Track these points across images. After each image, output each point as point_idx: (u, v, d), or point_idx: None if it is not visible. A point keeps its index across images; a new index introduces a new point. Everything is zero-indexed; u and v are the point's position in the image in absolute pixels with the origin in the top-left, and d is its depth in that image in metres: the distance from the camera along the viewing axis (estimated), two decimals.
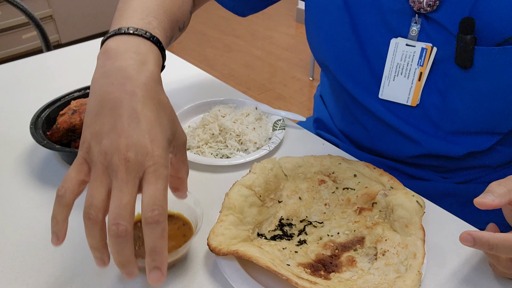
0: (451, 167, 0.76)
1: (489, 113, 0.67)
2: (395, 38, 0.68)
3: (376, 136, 0.78)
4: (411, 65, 0.68)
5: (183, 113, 0.85)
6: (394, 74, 0.70)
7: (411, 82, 0.69)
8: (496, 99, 0.65)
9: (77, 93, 0.84)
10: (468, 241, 0.47)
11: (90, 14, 3.14)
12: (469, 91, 0.65)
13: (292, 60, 3.14)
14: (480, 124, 0.69)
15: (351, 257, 0.54)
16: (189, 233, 0.57)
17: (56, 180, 0.72)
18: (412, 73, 0.68)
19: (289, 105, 2.62)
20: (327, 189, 0.64)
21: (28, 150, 0.79)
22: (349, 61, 0.73)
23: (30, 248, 0.59)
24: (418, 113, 0.71)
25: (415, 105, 0.70)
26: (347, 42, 0.72)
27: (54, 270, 0.56)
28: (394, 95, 0.71)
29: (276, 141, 0.77)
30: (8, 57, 2.86)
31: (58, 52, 1.17)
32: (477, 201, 0.49)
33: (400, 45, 0.68)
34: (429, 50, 0.66)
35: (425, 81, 0.68)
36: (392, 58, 0.69)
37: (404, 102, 0.71)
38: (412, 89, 0.69)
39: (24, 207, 0.66)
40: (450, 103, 0.68)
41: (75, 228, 0.62)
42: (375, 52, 0.71)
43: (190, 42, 3.44)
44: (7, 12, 2.73)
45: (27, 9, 1.33)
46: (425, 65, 0.67)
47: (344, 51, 0.73)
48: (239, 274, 0.52)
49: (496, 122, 0.69)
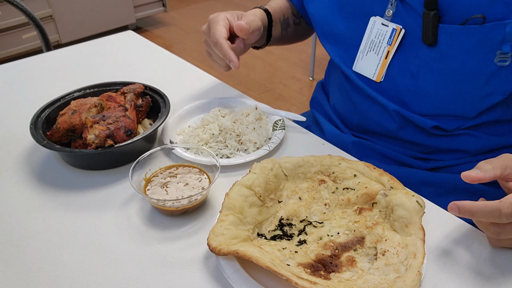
0: (428, 146, 0.78)
1: (456, 96, 0.70)
2: (374, 17, 0.75)
3: (362, 111, 0.82)
4: (382, 43, 0.75)
5: (183, 113, 0.85)
6: (368, 50, 0.77)
7: (379, 59, 0.76)
8: (462, 81, 0.69)
9: (77, 93, 0.84)
10: (454, 210, 0.52)
11: (90, 14, 3.14)
12: (437, 71, 0.70)
13: (292, 60, 3.14)
14: (448, 107, 0.72)
15: (351, 257, 0.54)
16: (206, 184, 0.65)
17: (56, 180, 0.72)
18: (382, 50, 0.75)
19: (289, 105, 2.62)
20: (327, 189, 0.64)
21: (28, 150, 0.79)
22: (336, 36, 0.82)
23: (30, 248, 0.59)
24: (383, 89, 0.77)
25: (379, 81, 0.77)
26: (335, 18, 0.81)
27: (54, 270, 0.56)
28: (364, 69, 0.79)
29: (276, 141, 0.77)
30: (8, 57, 2.86)
31: (58, 52, 1.17)
32: (464, 174, 0.54)
33: (376, 24, 0.75)
34: (398, 31, 0.72)
35: (391, 59, 0.75)
36: (369, 35, 0.77)
37: (370, 76, 0.78)
38: (379, 66, 0.76)
39: (24, 207, 0.66)
40: (421, 85, 0.72)
41: (76, 229, 0.62)
42: (356, 27, 0.78)
43: (190, 42, 3.44)
44: (7, 12, 2.73)
45: (27, 9, 1.33)
46: (393, 44, 0.74)
47: (332, 26, 0.82)
48: (239, 274, 0.52)
49: (463, 106, 0.72)
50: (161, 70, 1.06)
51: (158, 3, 3.51)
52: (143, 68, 1.07)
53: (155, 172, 0.68)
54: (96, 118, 0.71)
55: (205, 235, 0.55)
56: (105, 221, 0.63)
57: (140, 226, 0.62)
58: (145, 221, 0.63)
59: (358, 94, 0.81)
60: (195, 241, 0.60)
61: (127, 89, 0.81)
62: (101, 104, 0.75)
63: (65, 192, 0.69)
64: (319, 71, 2.97)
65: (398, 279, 0.49)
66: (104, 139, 0.69)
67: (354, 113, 0.84)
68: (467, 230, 0.61)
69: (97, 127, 0.70)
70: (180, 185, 0.65)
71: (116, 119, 0.72)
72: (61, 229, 0.62)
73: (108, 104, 0.77)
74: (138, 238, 0.60)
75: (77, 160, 0.73)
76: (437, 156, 0.79)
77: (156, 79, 1.00)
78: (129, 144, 0.70)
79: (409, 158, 0.80)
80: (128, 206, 0.66)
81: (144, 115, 0.82)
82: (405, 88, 0.74)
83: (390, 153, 0.81)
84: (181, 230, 0.62)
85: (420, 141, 0.78)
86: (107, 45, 1.19)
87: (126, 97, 0.79)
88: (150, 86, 0.84)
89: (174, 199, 0.62)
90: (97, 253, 0.58)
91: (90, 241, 0.60)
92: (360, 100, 0.81)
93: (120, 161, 0.74)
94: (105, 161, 0.73)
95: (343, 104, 0.87)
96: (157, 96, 0.83)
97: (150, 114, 0.84)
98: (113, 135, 0.70)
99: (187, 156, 0.71)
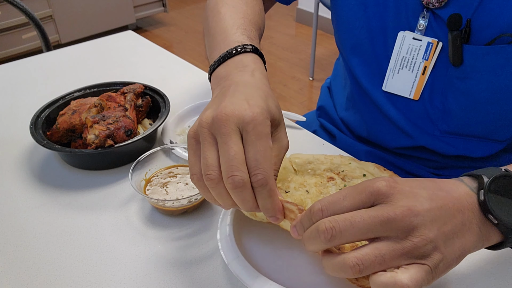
0: (444, 164, 0.76)
1: (483, 117, 0.67)
2: (402, 31, 0.69)
3: (372, 126, 0.79)
4: (416, 58, 0.69)
5: (183, 113, 0.85)
6: (399, 67, 0.71)
7: (415, 75, 0.70)
8: (490, 103, 0.65)
9: (77, 93, 0.84)
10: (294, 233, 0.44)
11: (90, 14, 3.14)
12: (463, 91, 0.66)
13: (292, 60, 3.14)
14: (475, 128, 0.69)
15: (355, 245, 0.54)
16: None
17: (56, 180, 0.72)
18: (417, 66, 0.69)
19: (289, 105, 2.62)
20: (335, 186, 0.64)
21: (28, 150, 0.79)
22: (362, 51, 0.75)
23: (30, 248, 0.59)
24: (418, 108, 0.72)
25: (417, 98, 0.71)
26: (360, 31, 0.73)
27: (54, 270, 0.56)
28: (397, 88, 0.72)
29: None
30: (8, 57, 2.85)
31: (58, 52, 1.17)
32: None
33: (407, 39, 0.69)
34: (435, 44, 0.67)
35: (428, 76, 0.69)
36: (398, 51, 0.70)
37: (406, 95, 0.72)
38: (415, 83, 0.70)
39: (24, 207, 0.66)
40: (448, 103, 0.69)
41: (75, 228, 0.62)
42: (383, 44, 0.72)
43: (190, 42, 3.44)
44: (7, 12, 2.73)
45: (27, 9, 1.33)
46: (430, 59, 0.68)
47: (357, 40, 0.74)
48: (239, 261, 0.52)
49: (491, 128, 0.68)
50: (161, 70, 1.06)
51: (158, 3, 3.51)
52: (143, 68, 1.07)
53: (155, 172, 0.68)
54: (96, 118, 0.71)
55: (205, 235, 0.55)
56: (105, 221, 0.63)
57: (140, 226, 0.62)
58: (145, 221, 0.63)
59: (374, 112, 0.77)
60: (195, 241, 0.60)
61: (127, 89, 0.81)
62: (101, 104, 0.75)
63: (65, 192, 0.69)
64: (319, 71, 2.97)
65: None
66: (104, 139, 0.69)
67: (363, 127, 0.82)
68: None
69: (97, 127, 0.70)
70: (180, 185, 0.65)
71: (116, 119, 0.72)
72: (61, 229, 0.62)
73: (108, 104, 0.77)
74: (138, 238, 0.60)
75: (77, 160, 0.73)
76: (453, 171, 0.77)
77: (156, 79, 1.00)
78: (129, 144, 0.70)
79: (426, 172, 0.78)
80: (128, 206, 0.66)
81: (144, 115, 0.82)
82: (433, 105, 0.70)
83: (404, 165, 0.78)
84: (181, 230, 0.62)
85: (439, 161, 0.75)
86: (107, 45, 1.19)
87: (126, 97, 0.79)
88: (150, 86, 0.84)
89: (174, 199, 0.62)
90: (97, 253, 0.58)
91: (90, 241, 0.60)
92: (378, 119, 0.77)
93: (120, 161, 0.74)
94: (105, 161, 0.73)
95: (352, 116, 0.84)
96: (157, 96, 0.83)
97: (150, 114, 0.84)
98: (113, 135, 0.70)
99: (187, 156, 0.71)
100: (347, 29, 0.75)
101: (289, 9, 3.91)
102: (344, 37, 0.77)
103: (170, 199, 0.62)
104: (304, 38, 3.48)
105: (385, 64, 0.72)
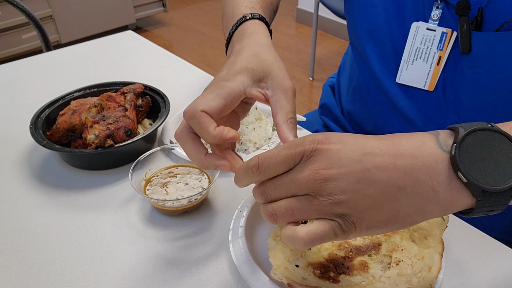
0: None
1: (492, 108, 0.67)
2: (416, 22, 0.69)
3: (380, 119, 0.78)
4: (431, 49, 0.69)
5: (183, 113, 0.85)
6: (413, 58, 0.71)
7: (430, 66, 0.70)
8: (498, 91, 0.65)
9: (77, 93, 0.84)
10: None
11: (90, 14, 3.14)
12: (472, 81, 0.66)
13: (292, 60, 3.14)
14: (484, 119, 0.68)
15: (364, 262, 0.53)
16: (206, 184, 0.66)
17: (56, 180, 0.72)
18: (431, 57, 0.69)
19: None
20: None
21: (28, 150, 0.79)
22: (378, 37, 0.74)
23: (30, 248, 0.59)
24: (432, 99, 0.72)
25: (433, 89, 0.71)
26: (378, 18, 0.73)
27: (54, 270, 0.56)
28: (411, 79, 0.72)
29: (276, 141, 0.77)
30: (8, 57, 2.85)
31: (58, 52, 1.17)
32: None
33: (420, 29, 0.69)
34: (449, 34, 0.67)
35: (443, 67, 0.69)
36: (412, 42, 0.70)
37: (421, 86, 0.71)
38: (430, 74, 0.70)
39: (24, 207, 0.66)
40: (459, 93, 0.69)
41: (75, 228, 0.62)
42: (401, 32, 0.72)
43: (190, 42, 3.44)
44: (7, 12, 2.73)
45: (27, 9, 1.33)
46: (445, 49, 0.68)
47: (375, 25, 0.74)
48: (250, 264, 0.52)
49: (500, 119, 0.68)
50: (161, 70, 1.06)
51: (158, 3, 3.51)
52: (143, 68, 1.07)
53: (155, 172, 0.68)
54: (96, 118, 0.71)
55: (205, 235, 0.55)
56: (105, 221, 0.63)
57: (140, 226, 0.62)
58: (145, 221, 0.63)
59: (384, 104, 0.76)
60: (195, 241, 0.60)
61: (127, 89, 0.81)
62: (101, 104, 0.75)
63: (65, 192, 0.69)
64: (319, 71, 2.97)
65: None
66: (104, 139, 0.69)
67: (370, 120, 0.81)
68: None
69: (97, 127, 0.70)
70: (180, 185, 0.65)
71: (116, 119, 0.72)
72: (61, 229, 0.62)
73: (108, 104, 0.77)
74: (138, 238, 0.60)
75: (77, 160, 0.73)
76: None
77: (156, 79, 1.00)
78: (129, 144, 0.70)
79: None
80: (128, 206, 0.66)
81: (144, 115, 0.82)
82: (445, 96, 0.70)
83: None
84: (181, 230, 0.62)
85: None
86: (107, 45, 1.19)
87: (126, 97, 0.79)
88: (150, 86, 0.84)
89: (174, 199, 0.62)
90: (97, 253, 0.58)
91: (90, 241, 0.60)
92: (387, 111, 0.76)
93: (120, 161, 0.74)
94: (105, 161, 0.73)
95: (359, 109, 0.83)
96: (157, 96, 0.83)
97: (150, 114, 0.84)
98: (113, 135, 0.70)
99: (187, 156, 0.71)
100: (364, 14, 0.75)
101: (289, 9, 3.91)
102: (361, 22, 0.77)
103: (170, 199, 0.62)
104: (304, 38, 3.48)
105: (400, 53, 0.72)
